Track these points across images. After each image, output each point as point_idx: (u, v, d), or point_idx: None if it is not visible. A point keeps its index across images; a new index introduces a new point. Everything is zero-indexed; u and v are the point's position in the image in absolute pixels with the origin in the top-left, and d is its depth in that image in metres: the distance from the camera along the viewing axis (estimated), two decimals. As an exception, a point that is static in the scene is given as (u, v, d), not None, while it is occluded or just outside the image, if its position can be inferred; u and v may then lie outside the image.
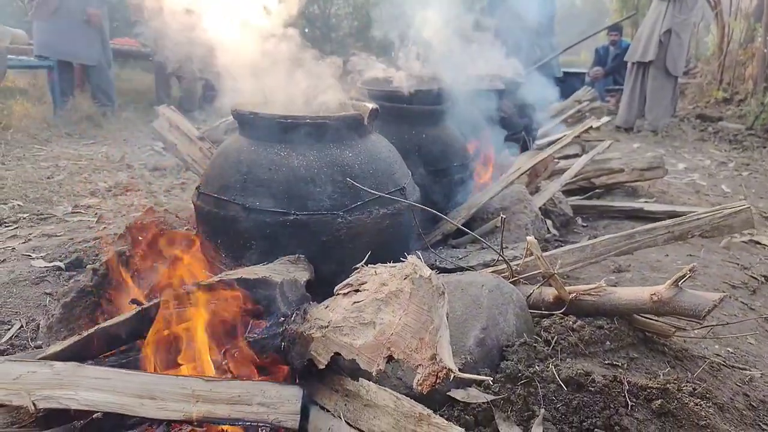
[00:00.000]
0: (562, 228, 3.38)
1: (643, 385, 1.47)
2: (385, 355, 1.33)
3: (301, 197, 1.86)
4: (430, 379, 1.24)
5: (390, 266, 1.46)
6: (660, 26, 6.82)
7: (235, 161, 1.94)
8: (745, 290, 2.57)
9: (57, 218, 3.21)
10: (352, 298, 1.48)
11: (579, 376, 1.48)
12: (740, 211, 1.86)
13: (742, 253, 3.08)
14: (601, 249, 2.05)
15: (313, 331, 1.50)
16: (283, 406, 1.46)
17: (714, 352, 2.00)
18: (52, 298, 2.14)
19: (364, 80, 2.92)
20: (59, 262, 2.41)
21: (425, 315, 1.28)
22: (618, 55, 8.97)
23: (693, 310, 1.58)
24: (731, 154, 6.20)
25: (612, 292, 1.77)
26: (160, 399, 1.43)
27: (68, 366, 1.47)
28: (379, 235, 1.99)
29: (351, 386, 1.45)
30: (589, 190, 4.05)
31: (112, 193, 3.85)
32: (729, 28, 8.64)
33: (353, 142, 2.04)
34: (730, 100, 8.43)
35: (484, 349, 1.61)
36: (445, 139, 2.88)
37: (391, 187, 2.05)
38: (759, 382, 1.84)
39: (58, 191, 3.77)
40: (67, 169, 4.45)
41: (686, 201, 4.06)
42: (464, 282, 1.80)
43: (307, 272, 1.80)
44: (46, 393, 1.41)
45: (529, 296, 1.92)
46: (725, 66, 8.67)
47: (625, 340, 1.76)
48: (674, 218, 2.03)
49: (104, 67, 6.63)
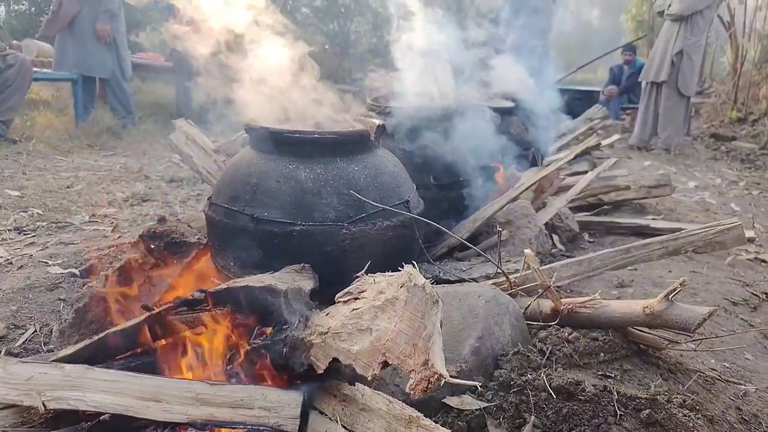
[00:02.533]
0: (568, 243, 3.41)
1: (632, 396, 1.51)
2: (381, 361, 1.38)
3: (307, 209, 1.93)
4: (423, 384, 1.30)
5: (388, 275, 1.52)
6: (672, 47, 6.87)
7: (245, 173, 2.03)
8: (746, 306, 2.58)
9: (74, 227, 3.32)
10: (351, 306, 1.54)
11: (570, 385, 1.52)
12: (732, 228, 1.90)
13: (746, 271, 3.10)
14: (598, 263, 2.09)
15: (313, 337, 1.56)
16: (283, 410, 1.51)
17: (710, 366, 2.03)
18: (66, 304, 2.22)
19: (373, 97, 3.01)
20: (74, 269, 2.50)
21: (419, 322, 1.33)
22: (632, 74, 9.02)
23: (683, 323, 1.62)
24: (743, 173, 6.19)
25: (606, 304, 1.82)
26: (165, 402, 1.48)
27: (78, 368, 1.52)
28: (383, 246, 2.05)
29: (348, 391, 1.50)
30: (597, 206, 4.09)
31: (129, 203, 3.96)
32: (743, 49, 8.64)
33: (359, 156, 2.12)
34: (744, 120, 8.41)
35: (479, 357, 1.66)
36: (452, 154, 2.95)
37: (396, 201, 2.12)
38: (753, 397, 1.86)
39: (77, 201, 3.89)
40: (86, 179, 4.59)
41: (694, 219, 4.08)
42: (462, 292, 1.85)
43: (312, 281, 1.86)
44: (56, 394, 1.46)
45: (526, 308, 1.97)
46: (739, 86, 8.66)
47: (619, 352, 1.79)
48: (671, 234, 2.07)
49: (120, 79, 6.82)
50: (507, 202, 2.83)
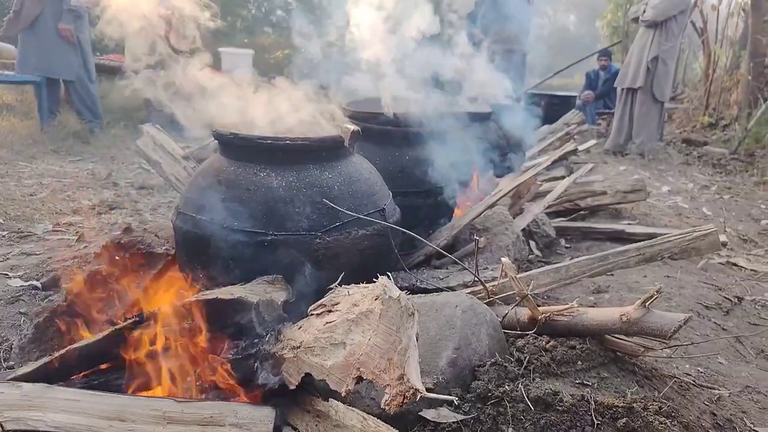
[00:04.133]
0: (545, 249, 3.41)
1: (609, 404, 1.49)
2: (355, 376, 1.34)
3: (279, 217, 1.88)
4: (398, 399, 1.26)
5: (362, 287, 1.47)
6: (647, 53, 6.97)
7: (213, 181, 1.96)
8: (719, 311, 2.60)
9: (37, 236, 3.20)
10: (324, 319, 1.49)
11: (547, 395, 1.50)
12: (708, 234, 1.91)
13: (718, 275, 3.13)
14: (576, 270, 2.08)
15: (285, 352, 1.51)
16: (255, 426, 1.46)
17: (684, 372, 2.03)
18: (27, 318, 2.13)
19: (348, 102, 2.96)
20: (35, 281, 2.40)
21: (394, 335, 1.29)
22: (608, 79, 9.14)
23: (659, 330, 1.61)
24: (714, 177, 6.30)
25: (584, 312, 1.80)
26: (130, 421, 1.43)
27: (37, 387, 1.46)
28: (359, 256, 2.01)
29: (321, 407, 1.46)
30: (574, 211, 4.10)
31: (95, 211, 3.85)
32: (715, 55, 8.83)
33: (333, 163, 2.07)
34: (715, 125, 8.58)
35: (455, 369, 1.62)
36: (428, 160, 2.92)
37: (371, 209, 2.08)
38: (727, 401, 1.86)
39: (40, 209, 3.76)
40: (50, 186, 4.44)
41: (667, 223, 4.12)
42: (438, 303, 1.82)
43: (285, 293, 1.81)
44: (14, 415, 1.40)
45: (504, 317, 1.94)
46: (711, 92, 8.84)
47: (596, 360, 1.78)
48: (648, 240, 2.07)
49: (86, 82, 6.61)
50: (485, 209, 2.81)
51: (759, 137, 7.22)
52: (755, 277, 3.22)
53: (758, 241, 3.97)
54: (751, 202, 5.15)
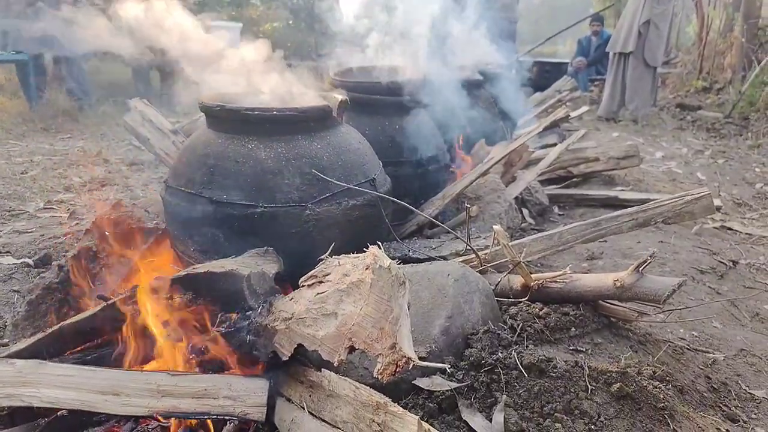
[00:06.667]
0: (538, 217, 3.40)
1: (603, 370, 1.49)
2: (347, 346, 1.34)
3: (268, 189, 1.86)
4: (390, 368, 1.25)
5: (353, 257, 1.46)
6: (639, 17, 6.86)
7: (202, 154, 1.93)
8: (713, 275, 2.61)
9: (29, 214, 3.18)
10: (315, 290, 1.48)
11: (541, 362, 1.50)
12: (701, 197, 1.89)
13: (713, 239, 3.13)
14: (568, 237, 2.07)
15: (277, 323, 1.51)
16: (249, 398, 1.47)
17: (679, 336, 2.04)
18: (20, 295, 2.12)
19: (336, 71, 2.91)
20: (28, 259, 2.39)
21: (385, 305, 1.29)
22: (600, 45, 9.01)
23: (653, 295, 1.61)
24: (708, 142, 6.27)
25: (577, 278, 1.80)
26: (124, 395, 1.43)
27: (30, 363, 1.46)
28: (350, 226, 1.99)
29: (314, 377, 1.45)
30: (567, 179, 4.09)
31: (87, 188, 3.81)
32: (708, 18, 8.71)
33: (322, 133, 2.04)
34: (709, 89, 8.51)
35: (449, 337, 1.62)
36: (419, 130, 2.88)
37: (361, 179, 2.06)
38: (722, 365, 1.88)
39: (32, 187, 3.73)
40: (41, 164, 4.40)
41: (661, 189, 4.11)
42: (431, 272, 1.81)
43: (276, 265, 1.80)
44: (8, 391, 1.41)
45: (496, 285, 1.94)
46: (705, 56, 8.74)
47: (590, 326, 1.78)
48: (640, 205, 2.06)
49: (74, 59, 6.53)
50: (476, 177, 2.79)
51: (753, 100, 7.17)
52: (750, 240, 3.22)
53: (753, 205, 3.97)
54: (746, 166, 5.14)
